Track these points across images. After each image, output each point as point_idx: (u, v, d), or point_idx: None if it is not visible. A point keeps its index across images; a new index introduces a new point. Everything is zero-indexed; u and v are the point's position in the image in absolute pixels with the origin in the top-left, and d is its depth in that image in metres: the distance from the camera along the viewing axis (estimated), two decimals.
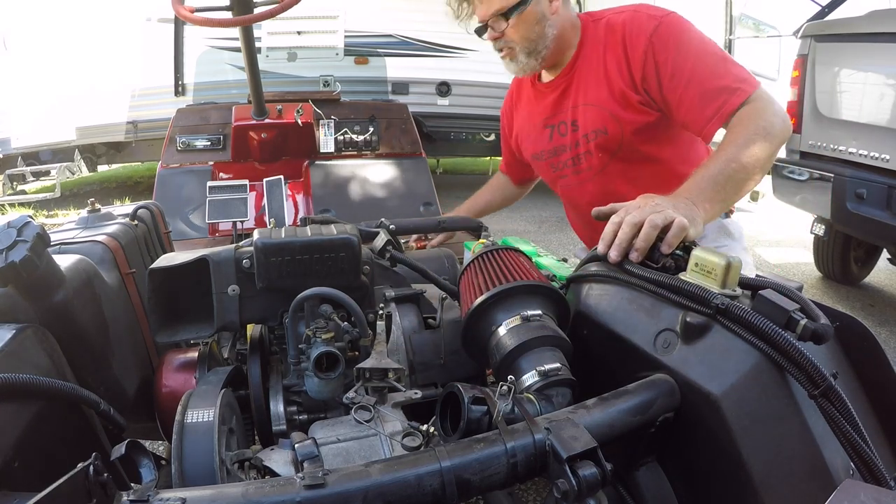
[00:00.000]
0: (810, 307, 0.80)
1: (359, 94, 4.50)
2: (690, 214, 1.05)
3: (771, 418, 0.77)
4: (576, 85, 1.59)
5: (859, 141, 3.18)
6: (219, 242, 2.20)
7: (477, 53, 5.89)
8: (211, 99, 4.42)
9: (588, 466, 0.69)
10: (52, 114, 5.52)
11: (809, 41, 3.53)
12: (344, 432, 0.94)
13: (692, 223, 1.03)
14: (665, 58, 1.40)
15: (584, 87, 1.57)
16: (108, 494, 0.64)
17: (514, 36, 1.53)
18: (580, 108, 1.58)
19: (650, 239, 0.99)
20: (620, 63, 1.48)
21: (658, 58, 1.41)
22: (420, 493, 0.69)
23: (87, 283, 1.13)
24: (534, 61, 1.57)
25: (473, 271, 1.10)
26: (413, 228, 1.70)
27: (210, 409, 0.89)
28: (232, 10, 1.97)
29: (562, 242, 5.02)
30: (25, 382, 0.81)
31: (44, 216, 5.64)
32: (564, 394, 0.92)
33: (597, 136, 1.57)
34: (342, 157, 2.97)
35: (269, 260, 1.09)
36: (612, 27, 1.51)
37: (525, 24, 1.51)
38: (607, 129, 1.54)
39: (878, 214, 3.06)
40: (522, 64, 1.58)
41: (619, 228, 1.02)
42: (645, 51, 1.43)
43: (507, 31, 1.52)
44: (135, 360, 1.30)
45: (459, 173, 8.61)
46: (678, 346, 0.86)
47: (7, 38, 5.41)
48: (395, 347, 1.15)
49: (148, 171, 7.35)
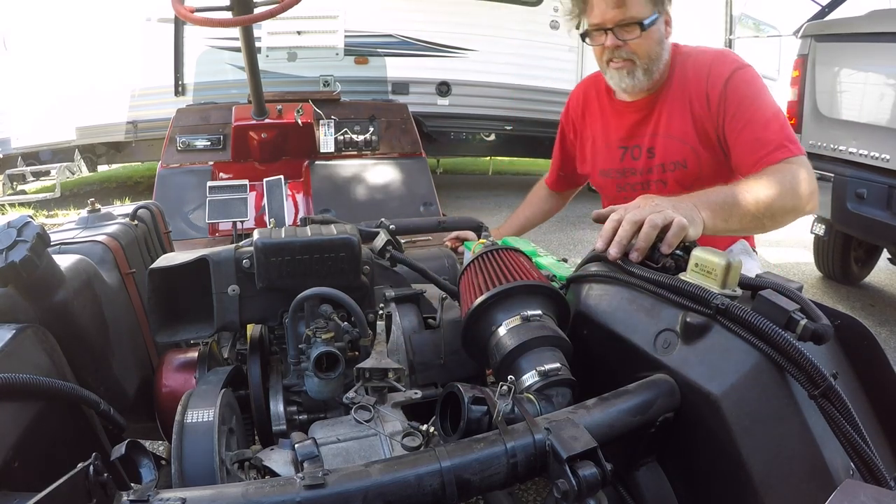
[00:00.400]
0: (810, 307, 0.80)
1: (359, 94, 4.50)
2: (690, 215, 1.06)
3: (771, 418, 0.77)
4: (658, 112, 1.57)
5: (859, 141, 3.18)
6: (219, 242, 2.19)
7: (477, 53, 5.89)
8: (211, 99, 4.42)
9: (588, 466, 0.69)
10: (52, 114, 5.52)
11: (809, 41, 3.53)
12: (344, 432, 0.94)
13: (692, 223, 1.03)
14: (733, 99, 1.46)
15: (668, 118, 1.56)
16: (108, 494, 0.64)
17: (639, 49, 1.48)
18: (660, 138, 1.58)
19: (650, 238, 0.99)
20: (702, 100, 1.50)
21: (728, 98, 1.46)
22: (420, 493, 0.69)
23: (87, 283, 1.13)
24: (647, 80, 1.53)
25: (473, 271, 1.10)
26: (413, 228, 1.70)
27: (210, 409, 0.89)
28: (232, 10, 1.97)
29: (562, 242, 5.03)
30: (25, 382, 0.81)
31: (44, 216, 5.64)
32: (564, 394, 0.92)
33: (675, 169, 1.57)
34: (342, 157, 2.97)
35: (269, 260, 1.09)
36: (699, 65, 1.52)
37: (650, 41, 1.48)
38: (687, 163, 1.55)
39: (878, 214, 3.06)
40: (639, 80, 1.52)
41: (619, 226, 1.02)
42: (721, 91, 1.47)
43: (632, 42, 1.47)
44: (135, 360, 1.30)
45: (459, 173, 8.61)
46: (678, 347, 0.86)
47: (7, 38, 5.41)
48: (395, 347, 1.15)
49: (148, 171, 7.35)
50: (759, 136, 1.40)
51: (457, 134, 6.46)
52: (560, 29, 6.07)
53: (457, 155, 7.63)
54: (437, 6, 5.78)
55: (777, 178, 1.30)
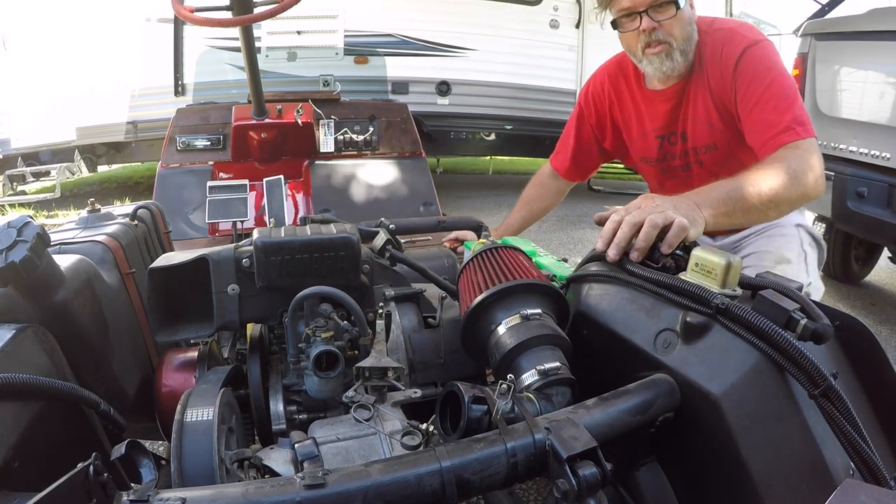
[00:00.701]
0: (810, 307, 0.80)
1: (359, 94, 4.49)
2: (691, 215, 1.05)
3: (771, 418, 0.77)
4: (687, 98, 1.56)
5: (860, 139, 3.17)
6: (219, 242, 2.19)
7: (477, 53, 5.89)
8: (211, 99, 4.42)
9: (588, 466, 0.69)
10: (52, 114, 5.51)
11: (810, 39, 3.52)
12: (343, 431, 0.94)
13: (693, 224, 1.03)
14: (743, 79, 1.44)
15: (695, 103, 1.55)
16: (108, 494, 0.64)
17: (674, 30, 1.45)
18: (689, 123, 1.57)
19: (650, 238, 0.99)
20: (718, 80, 1.49)
21: (739, 78, 1.44)
22: (420, 492, 0.68)
23: (87, 283, 1.14)
24: (683, 62, 1.50)
25: (472, 270, 1.10)
26: (413, 228, 1.70)
27: (209, 409, 0.89)
28: (232, 10, 1.97)
29: (562, 242, 5.02)
30: (25, 382, 0.81)
31: (44, 216, 5.64)
32: (564, 393, 0.91)
33: (707, 152, 1.57)
34: (342, 157, 2.97)
35: (269, 259, 1.09)
36: (715, 44, 1.50)
37: (682, 21, 1.46)
38: (717, 145, 1.55)
39: (878, 213, 3.05)
40: (677, 63, 1.49)
41: (619, 227, 1.02)
42: (732, 71, 1.45)
43: (666, 23, 1.44)
44: (135, 360, 1.30)
45: (459, 173, 8.61)
46: (678, 346, 0.86)
47: (7, 38, 5.40)
48: (394, 346, 1.15)
49: (148, 171, 7.34)
50: (767, 118, 1.38)
51: (457, 133, 6.45)
52: (561, 28, 6.07)
53: (457, 155, 7.62)
54: (437, 6, 5.77)
55: (781, 166, 1.27)
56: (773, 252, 1.57)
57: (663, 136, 1.64)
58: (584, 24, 6.08)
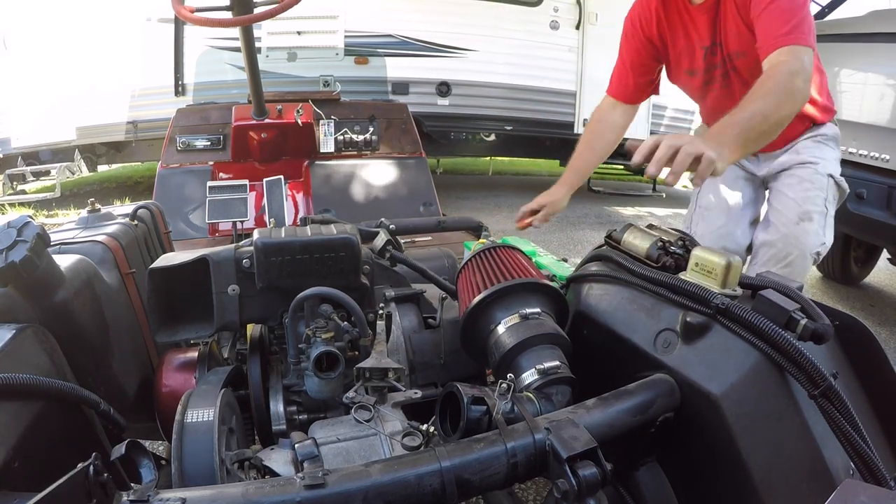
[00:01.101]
0: (811, 307, 0.80)
1: (359, 94, 4.49)
2: (719, 151, 1.11)
3: (771, 418, 0.77)
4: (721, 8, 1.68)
5: (859, 141, 3.18)
6: (219, 242, 2.19)
7: (477, 53, 5.89)
8: (211, 99, 4.42)
9: (588, 466, 0.69)
10: (52, 114, 5.51)
11: None
12: (344, 432, 0.94)
13: (720, 158, 1.09)
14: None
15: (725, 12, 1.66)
16: (108, 494, 0.64)
17: None
18: (722, 32, 1.69)
19: (684, 164, 1.04)
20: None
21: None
22: (420, 493, 0.69)
23: (87, 283, 1.13)
24: None
25: (471, 269, 1.10)
26: (413, 228, 1.70)
27: (210, 409, 0.89)
28: (232, 10, 1.97)
29: (562, 242, 5.02)
30: (25, 382, 0.81)
31: (44, 216, 5.63)
32: (564, 392, 0.91)
33: (738, 57, 1.69)
34: (342, 157, 2.97)
35: (269, 259, 1.09)
36: None
37: None
38: (745, 51, 1.64)
39: (878, 214, 3.05)
40: None
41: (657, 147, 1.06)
42: None
43: None
44: (135, 360, 1.30)
45: (459, 173, 8.60)
46: (678, 346, 0.86)
47: (7, 38, 5.40)
48: (395, 347, 1.15)
49: (148, 171, 7.34)
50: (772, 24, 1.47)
51: (457, 134, 6.46)
52: (561, 29, 6.07)
53: (457, 155, 7.62)
54: (437, 6, 5.78)
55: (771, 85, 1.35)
56: (799, 204, 1.68)
57: (706, 48, 1.77)
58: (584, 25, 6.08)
